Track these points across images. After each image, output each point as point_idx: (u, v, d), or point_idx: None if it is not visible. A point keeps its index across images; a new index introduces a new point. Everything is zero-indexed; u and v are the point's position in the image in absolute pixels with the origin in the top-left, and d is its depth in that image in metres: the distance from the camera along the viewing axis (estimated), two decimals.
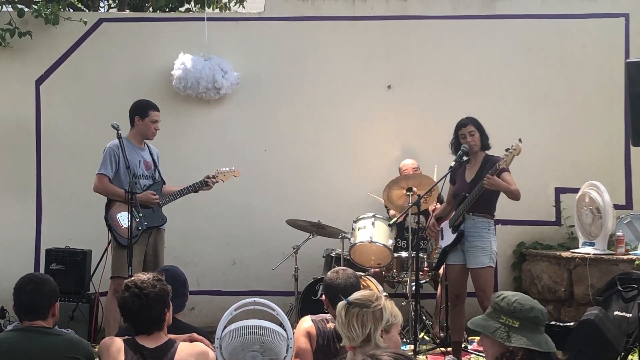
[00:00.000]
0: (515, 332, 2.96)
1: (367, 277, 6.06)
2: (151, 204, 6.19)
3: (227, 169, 6.61)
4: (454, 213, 6.07)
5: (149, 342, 3.47)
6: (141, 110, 6.34)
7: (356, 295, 3.37)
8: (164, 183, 6.48)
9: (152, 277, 3.58)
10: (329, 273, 4.27)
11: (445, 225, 6.21)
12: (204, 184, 6.42)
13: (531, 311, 2.98)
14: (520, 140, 5.72)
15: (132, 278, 3.59)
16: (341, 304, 3.34)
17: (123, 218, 6.04)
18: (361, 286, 4.29)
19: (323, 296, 4.22)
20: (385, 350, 2.26)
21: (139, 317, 3.49)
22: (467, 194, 5.90)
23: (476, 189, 5.81)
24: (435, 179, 6.76)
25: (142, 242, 6.17)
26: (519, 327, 2.96)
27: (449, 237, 6.08)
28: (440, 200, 6.85)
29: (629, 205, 7.87)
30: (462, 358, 6.19)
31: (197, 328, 4.00)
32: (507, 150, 5.74)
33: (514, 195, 5.90)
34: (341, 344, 3.90)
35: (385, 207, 7.26)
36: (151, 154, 6.41)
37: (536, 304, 3.03)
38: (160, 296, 3.52)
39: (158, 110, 6.41)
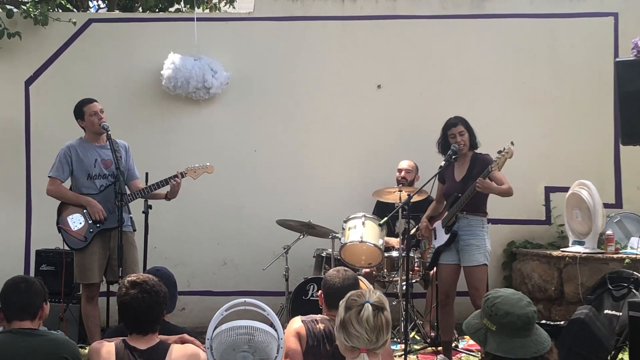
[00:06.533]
0: (492, 335, 2.92)
1: (359, 277, 6.04)
2: (94, 215, 5.85)
3: (199, 165, 6.15)
4: (446, 213, 6.08)
5: (141, 344, 3.46)
6: (77, 113, 6.08)
7: (374, 297, 3.17)
8: (138, 177, 6.17)
9: (153, 277, 3.59)
10: (330, 270, 4.26)
11: (438, 225, 6.20)
12: (166, 183, 6.00)
13: (505, 317, 2.89)
14: (512, 143, 5.67)
15: (132, 277, 3.56)
16: (369, 308, 3.11)
17: (74, 220, 5.87)
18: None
19: (319, 292, 4.22)
20: None
21: (143, 316, 3.47)
22: (459, 194, 5.89)
23: (468, 191, 5.79)
24: None
25: (101, 245, 5.89)
26: (496, 331, 2.91)
27: (442, 237, 6.07)
28: (429, 200, 6.84)
29: (618, 204, 7.90)
30: (453, 357, 6.21)
31: (186, 329, 3.99)
32: (499, 152, 5.68)
33: (507, 194, 5.91)
34: (335, 344, 3.89)
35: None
36: (115, 150, 5.86)
37: (515, 309, 2.91)
38: (165, 297, 3.54)
39: (92, 102, 6.04)
